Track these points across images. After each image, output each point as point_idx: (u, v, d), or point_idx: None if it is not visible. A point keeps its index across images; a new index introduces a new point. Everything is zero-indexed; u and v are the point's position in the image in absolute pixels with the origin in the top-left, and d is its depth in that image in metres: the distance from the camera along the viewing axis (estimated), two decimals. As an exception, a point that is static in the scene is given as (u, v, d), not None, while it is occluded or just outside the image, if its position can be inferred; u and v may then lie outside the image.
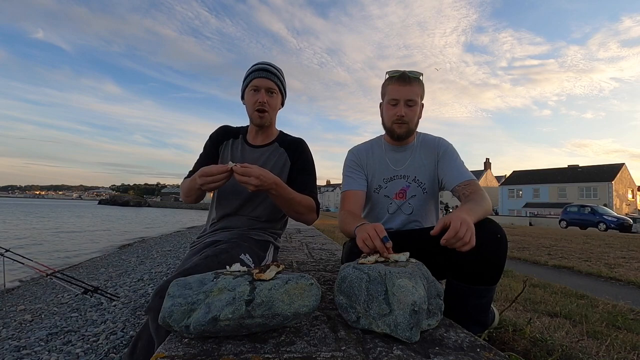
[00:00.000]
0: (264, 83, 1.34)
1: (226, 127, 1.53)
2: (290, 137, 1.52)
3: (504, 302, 2.26)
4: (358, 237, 1.04)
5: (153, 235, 14.08)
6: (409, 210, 1.42)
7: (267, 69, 1.36)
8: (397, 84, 1.33)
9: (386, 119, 1.38)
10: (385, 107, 1.38)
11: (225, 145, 1.47)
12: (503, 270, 1.09)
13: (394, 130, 1.37)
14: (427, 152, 1.42)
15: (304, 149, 1.47)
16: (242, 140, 1.48)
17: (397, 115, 1.32)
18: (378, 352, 0.71)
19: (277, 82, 1.37)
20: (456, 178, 1.31)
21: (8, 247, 4.22)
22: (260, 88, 1.34)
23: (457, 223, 0.92)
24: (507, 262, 1.11)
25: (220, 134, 1.50)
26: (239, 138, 1.49)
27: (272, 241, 1.46)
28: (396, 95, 1.32)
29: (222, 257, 1.11)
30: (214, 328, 0.70)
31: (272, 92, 1.37)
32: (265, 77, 1.34)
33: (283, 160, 1.43)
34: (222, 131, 1.51)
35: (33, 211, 33.83)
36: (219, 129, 1.52)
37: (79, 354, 2.49)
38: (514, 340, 1.39)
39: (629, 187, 36.17)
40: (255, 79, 1.35)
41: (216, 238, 1.35)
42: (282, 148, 1.45)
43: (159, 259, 7.19)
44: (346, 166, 1.49)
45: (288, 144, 1.46)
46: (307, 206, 1.31)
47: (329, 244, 3.06)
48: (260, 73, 1.35)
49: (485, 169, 49.13)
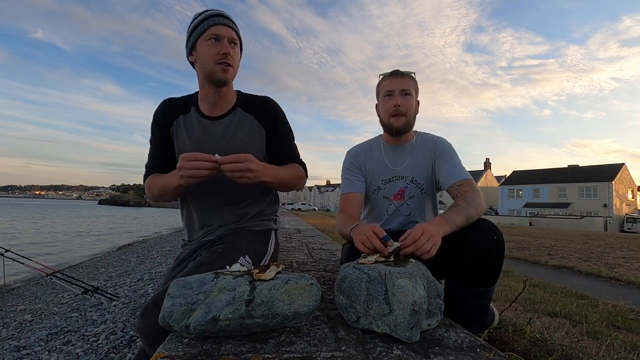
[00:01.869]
0: (226, 32, 1.11)
1: (170, 101, 1.24)
2: (254, 97, 1.27)
3: (504, 302, 2.26)
4: (355, 239, 1.03)
5: (153, 235, 14.09)
6: (408, 211, 1.41)
7: (224, 14, 1.13)
8: (391, 78, 1.35)
9: (383, 113, 1.38)
10: (381, 102, 1.38)
11: (177, 126, 1.21)
12: (501, 270, 1.09)
13: (391, 125, 1.35)
14: (425, 151, 1.42)
15: (276, 109, 1.26)
16: (196, 113, 1.21)
17: (393, 106, 1.32)
18: (378, 352, 0.71)
19: (238, 32, 1.17)
20: (451, 178, 1.30)
21: (8, 247, 4.23)
22: (222, 37, 1.10)
23: (417, 232, 0.92)
24: (507, 262, 1.12)
25: (164, 112, 1.22)
26: (190, 111, 1.22)
27: (272, 226, 1.33)
28: (390, 87, 1.33)
29: (217, 264, 0.97)
30: (214, 328, 0.70)
31: (235, 43, 1.14)
32: (226, 24, 1.11)
33: (255, 130, 1.21)
34: (166, 107, 1.23)
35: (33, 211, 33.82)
36: (161, 106, 1.24)
37: (79, 354, 2.49)
38: (514, 340, 1.39)
39: (629, 187, 36.17)
40: (213, 25, 1.10)
41: (210, 237, 1.21)
42: (248, 114, 1.22)
43: (159, 259, 7.20)
44: (344, 168, 1.48)
45: (255, 108, 1.23)
46: (298, 176, 1.23)
47: (329, 244, 3.06)
48: (219, 19, 1.11)
49: (485, 169, 49.14)
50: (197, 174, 0.95)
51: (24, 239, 11.55)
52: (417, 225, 0.95)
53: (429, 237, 0.92)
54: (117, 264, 6.92)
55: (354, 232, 1.07)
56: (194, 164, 0.95)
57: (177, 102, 1.24)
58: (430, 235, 0.93)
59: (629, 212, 34.60)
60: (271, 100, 1.27)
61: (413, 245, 0.91)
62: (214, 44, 1.10)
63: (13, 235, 12.36)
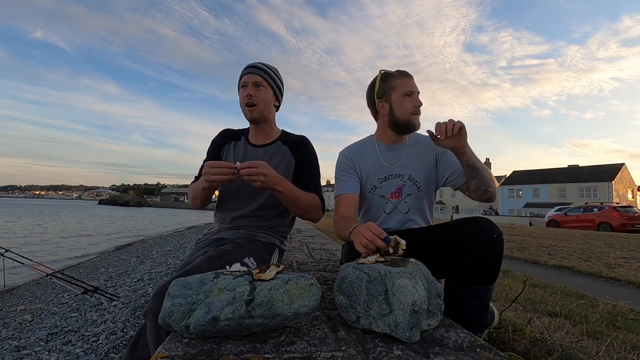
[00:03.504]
0: (250, 78, 1.36)
1: (227, 131, 1.54)
2: (293, 135, 1.52)
3: (504, 302, 2.26)
4: (356, 241, 1.03)
5: (153, 235, 14.09)
6: (405, 209, 1.41)
7: (253, 64, 1.38)
8: (406, 77, 1.36)
9: (402, 112, 1.34)
10: (399, 101, 1.34)
11: (227, 149, 1.49)
12: (500, 269, 1.09)
13: (411, 123, 1.35)
14: (422, 150, 1.42)
15: (307, 146, 1.47)
16: (245, 141, 1.49)
17: (415, 106, 1.34)
18: (378, 352, 0.71)
19: (264, 76, 1.37)
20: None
21: (8, 247, 4.22)
22: (247, 83, 1.36)
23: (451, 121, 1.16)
24: (507, 262, 1.12)
25: (221, 138, 1.52)
26: (240, 140, 1.50)
27: (278, 244, 1.45)
28: (410, 87, 1.34)
29: (225, 259, 1.09)
30: (214, 328, 0.70)
31: (259, 85, 1.36)
32: (251, 72, 1.36)
33: (287, 159, 1.43)
34: (223, 135, 1.53)
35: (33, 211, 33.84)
36: (220, 133, 1.54)
37: (79, 354, 2.49)
38: (514, 340, 1.39)
39: (629, 187, 36.16)
40: (243, 75, 1.37)
41: (222, 236, 1.35)
42: (286, 146, 1.45)
43: (159, 259, 7.19)
44: (338, 169, 1.47)
45: (291, 142, 1.47)
46: (313, 204, 1.32)
47: (329, 244, 3.06)
48: (246, 69, 1.37)
49: (485, 169, 49.04)
50: (218, 179, 1.11)
51: (24, 238, 11.55)
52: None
53: (457, 122, 1.14)
54: (117, 264, 6.91)
55: (354, 235, 1.07)
56: (217, 170, 1.10)
57: (232, 132, 1.54)
58: (461, 124, 1.15)
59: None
60: (307, 139, 1.51)
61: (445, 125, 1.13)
62: (243, 90, 1.37)
63: (13, 235, 12.36)
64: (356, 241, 1.02)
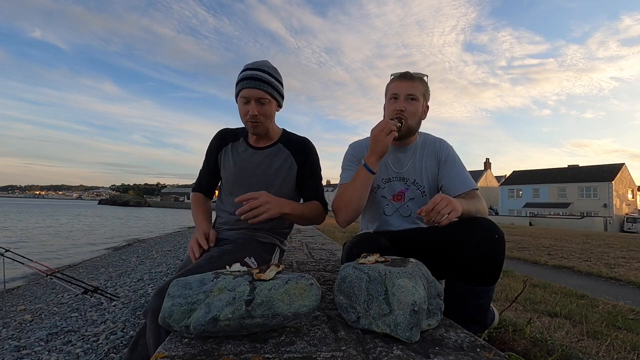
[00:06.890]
0: (253, 93, 1.23)
1: (224, 131, 1.47)
2: (295, 137, 1.44)
3: (504, 302, 2.26)
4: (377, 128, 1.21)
5: (153, 236, 14.08)
6: (407, 212, 1.41)
7: (255, 76, 1.23)
8: (399, 81, 1.32)
9: (387, 115, 1.36)
10: (387, 105, 1.37)
11: (225, 151, 1.42)
12: (501, 270, 1.09)
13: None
14: (428, 154, 1.40)
15: (310, 150, 1.42)
16: (244, 142, 1.41)
17: (396, 110, 1.29)
18: (378, 352, 0.71)
19: (268, 90, 1.25)
20: (458, 187, 1.30)
21: (8, 247, 4.23)
22: (250, 99, 1.24)
23: (437, 197, 1.03)
24: (507, 262, 1.12)
25: (218, 140, 1.45)
26: (239, 140, 1.42)
27: (278, 244, 1.44)
28: (397, 90, 1.31)
29: (226, 258, 1.08)
30: (214, 328, 0.70)
31: (263, 101, 1.25)
32: (254, 86, 1.22)
33: (289, 164, 1.37)
34: (220, 136, 1.45)
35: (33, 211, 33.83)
36: (216, 135, 1.47)
37: (79, 354, 2.49)
38: (514, 340, 1.39)
39: (629, 187, 36.14)
40: (243, 89, 1.24)
41: (222, 236, 1.34)
42: (287, 149, 1.39)
43: (159, 259, 7.20)
44: (345, 159, 1.46)
45: (293, 145, 1.40)
46: (317, 212, 1.33)
47: (329, 244, 3.06)
48: (248, 83, 1.22)
49: (485, 169, 49.07)
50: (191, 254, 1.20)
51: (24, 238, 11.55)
52: (438, 194, 1.07)
53: (448, 203, 1.02)
54: (117, 264, 6.91)
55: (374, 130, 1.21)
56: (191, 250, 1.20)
57: (229, 132, 1.46)
58: (449, 201, 1.02)
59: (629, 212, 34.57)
60: (310, 143, 1.44)
61: (434, 210, 1.00)
62: (244, 105, 1.26)
63: (13, 235, 12.36)
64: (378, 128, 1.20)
